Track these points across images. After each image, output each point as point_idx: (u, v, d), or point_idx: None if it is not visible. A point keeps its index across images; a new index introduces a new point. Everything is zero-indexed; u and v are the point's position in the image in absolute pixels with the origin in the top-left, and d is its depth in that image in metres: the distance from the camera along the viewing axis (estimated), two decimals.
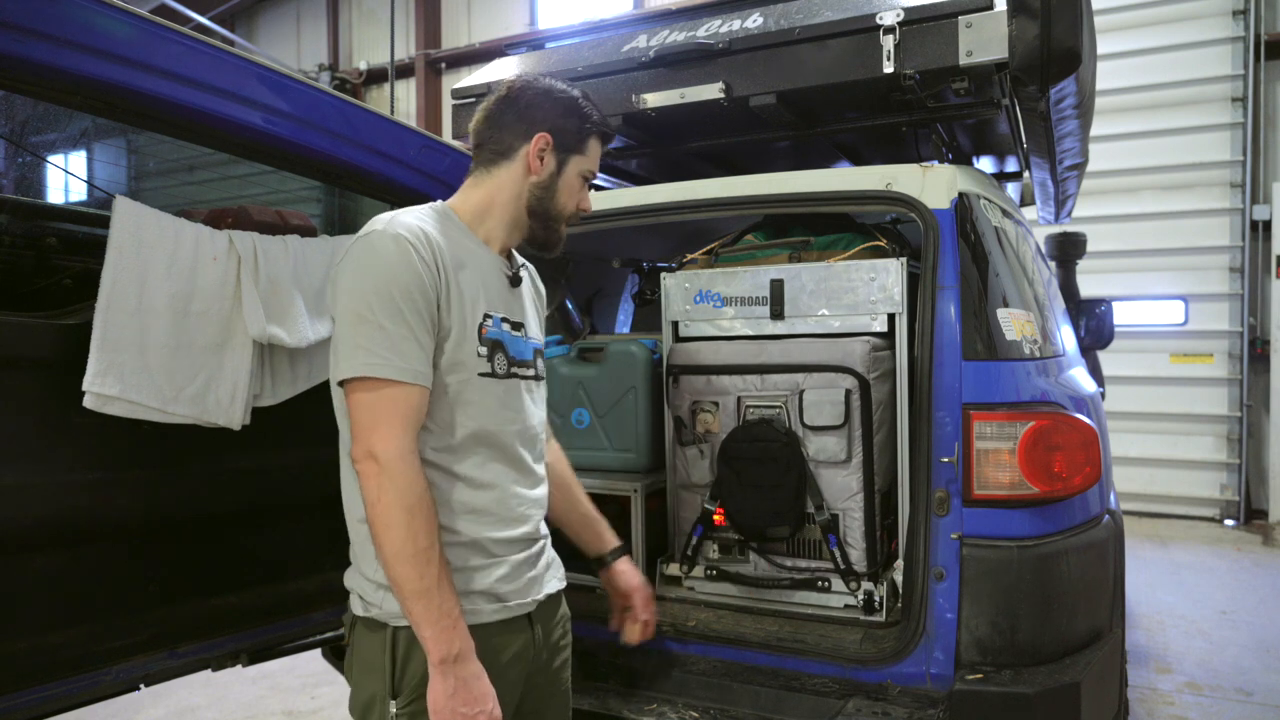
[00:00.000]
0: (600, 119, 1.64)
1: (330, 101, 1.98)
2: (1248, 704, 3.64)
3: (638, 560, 2.45)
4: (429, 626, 1.33)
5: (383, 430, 1.34)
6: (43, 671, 1.65)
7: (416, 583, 1.32)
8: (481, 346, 1.49)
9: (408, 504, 1.33)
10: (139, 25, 1.60)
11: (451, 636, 1.34)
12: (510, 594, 1.51)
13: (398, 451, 1.34)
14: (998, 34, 2.03)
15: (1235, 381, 7.26)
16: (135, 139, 2.37)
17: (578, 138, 1.60)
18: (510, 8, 10.88)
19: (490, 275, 1.56)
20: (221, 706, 3.76)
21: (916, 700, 1.87)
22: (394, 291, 1.37)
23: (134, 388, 1.65)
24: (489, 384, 1.50)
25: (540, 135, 1.57)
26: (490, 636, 1.47)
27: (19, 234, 1.89)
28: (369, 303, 1.36)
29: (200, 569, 1.95)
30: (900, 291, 2.17)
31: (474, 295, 1.49)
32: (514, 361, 1.57)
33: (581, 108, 1.61)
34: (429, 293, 1.40)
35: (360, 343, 1.35)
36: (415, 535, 1.32)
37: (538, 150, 1.57)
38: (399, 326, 1.36)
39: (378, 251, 1.39)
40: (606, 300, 4.06)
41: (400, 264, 1.38)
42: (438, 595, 1.33)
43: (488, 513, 1.49)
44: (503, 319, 1.55)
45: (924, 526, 1.92)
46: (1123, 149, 7.45)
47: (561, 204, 1.61)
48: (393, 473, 1.33)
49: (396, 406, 1.35)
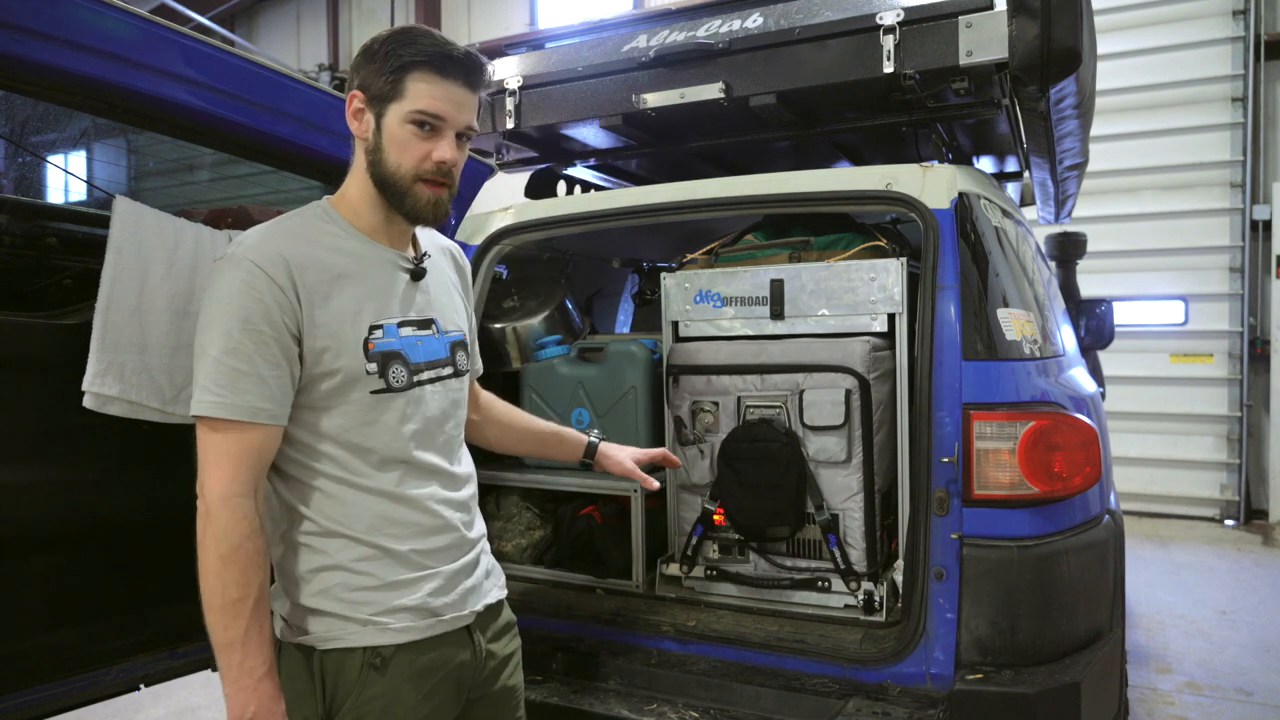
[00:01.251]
0: (420, 49, 1.36)
1: (330, 101, 1.98)
2: (1248, 704, 3.64)
3: (637, 560, 2.45)
4: (229, 683, 1.27)
5: (211, 469, 1.28)
6: (43, 671, 1.65)
7: (221, 634, 1.26)
8: (370, 363, 1.37)
9: (221, 552, 1.25)
10: (139, 25, 1.60)
11: (248, 698, 1.27)
12: (444, 607, 1.44)
13: (220, 496, 1.27)
14: (998, 34, 2.03)
15: (1235, 381, 7.25)
16: (135, 139, 2.37)
17: (387, 81, 1.36)
18: (510, 8, 10.89)
19: (382, 277, 1.43)
20: (221, 707, 3.74)
21: (916, 700, 1.87)
22: (234, 325, 1.28)
23: (134, 388, 1.65)
24: (388, 399, 1.40)
25: (352, 95, 1.39)
26: (423, 653, 1.41)
27: (19, 234, 1.89)
28: (210, 337, 1.29)
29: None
30: (900, 291, 2.17)
31: (355, 309, 1.37)
32: (418, 368, 1.44)
33: (389, 48, 1.36)
34: (278, 323, 1.30)
35: (200, 380, 1.29)
36: (225, 586, 1.25)
37: (353, 112, 1.40)
38: (239, 362, 1.27)
39: (225, 281, 1.30)
40: (606, 300, 4.06)
41: (245, 295, 1.28)
42: (240, 651, 1.26)
43: (410, 524, 1.42)
44: (400, 324, 1.43)
45: (924, 526, 1.92)
46: (1123, 149, 7.45)
47: (394, 162, 1.39)
48: (212, 516, 1.26)
49: (229, 446, 1.28)
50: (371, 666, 1.36)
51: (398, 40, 1.37)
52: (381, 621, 1.38)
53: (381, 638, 1.37)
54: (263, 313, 1.29)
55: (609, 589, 2.47)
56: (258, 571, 1.29)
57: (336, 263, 1.38)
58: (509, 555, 2.64)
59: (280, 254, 1.32)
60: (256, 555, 1.28)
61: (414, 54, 1.36)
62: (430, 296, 1.51)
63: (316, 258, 1.36)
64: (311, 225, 1.41)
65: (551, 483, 2.62)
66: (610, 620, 2.27)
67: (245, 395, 1.28)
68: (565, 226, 2.57)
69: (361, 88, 1.39)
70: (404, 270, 1.47)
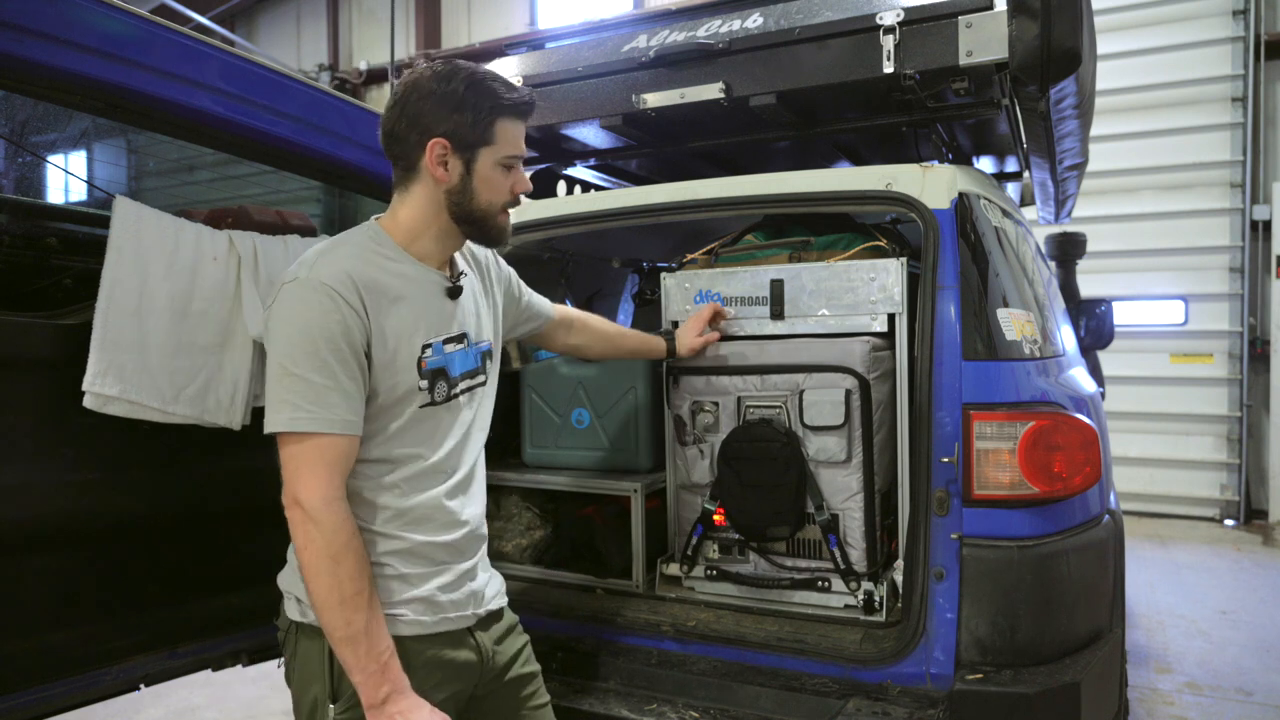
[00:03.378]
0: (501, 97, 1.48)
1: (330, 101, 1.98)
2: (1248, 704, 3.64)
3: (637, 560, 2.45)
4: (358, 673, 1.34)
5: (306, 478, 1.35)
6: (43, 671, 1.65)
7: (344, 629, 1.33)
8: (422, 380, 1.48)
9: (332, 552, 1.33)
10: (139, 25, 1.60)
11: (380, 681, 1.35)
12: (449, 605, 1.52)
13: (322, 499, 1.34)
14: (998, 34, 2.03)
15: (1235, 381, 7.25)
16: (135, 139, 2.37)
17: (478, 129, 1.47)
18: (510, 8, 10.88)
19: (429, 298, 1.53)
20: (221, 706, 3.76)
21: (916, 700, 1.87)
22: (319, 345, 1.36)
23: (134, 388, 1.65)
24: (431, 411, 1.51)
25: (434, 142, 1.46)
26: (429, 647, 1.49)
27: (19, 234, 1.89)
28: (294, 356, 1.36)
29: (200, 569, 1.95)
30: (900, 291, 2.17)
31: (411, 329, 1.47)
32: (455, 381, 1.56)
33: (473, 97, 1.45)
34: (355, 340, 1.39)
35: (285, 397, 1.36)
36: (340, 583, 1.33)
37: (436, 159, 1.47)
38: (324, 378, 1.36)
39: (301, 304, 1.38)
40: (606, 300, 4.06)
41: (325, 315, 1.37)
42: (365, 641, 1.34)
43: (426, 519, 1.51)
44: (444, 341, 1.53)
45: (924, 526, 1.92)
46: (1123, 149, 7.45)
47: (485, 202, 1.51)
48: (318, 520, 1.33)
49: (322, 455, 1.36)
50: None
51: (476, 89, 1.46)
52: (392, 613, 1.45)
53: (390, 628, 1.42)
54: (342, 332, 1.38)
55: (609, 589, 2.47)
56: (367, 566, 1.38)
57: (393, 285, 1.47)
58: (509, 555, 2.64)
59: (349, 274, 1.41)
60: (363, 551, 1.38)
61: (498, 103, 1.47)
62: (464, 311, 1.61)
63: (377, 280, 1.45)
64: (367, 248, 1.49)
65: (551, 483, 2.62)
66: (610, 620, 2.27)
67: (334, 409, 1.36)
68: (565, 226, 2.57)
69: (447, 136, 1.46)
70: (445, 290, 1.57)
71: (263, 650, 2.08)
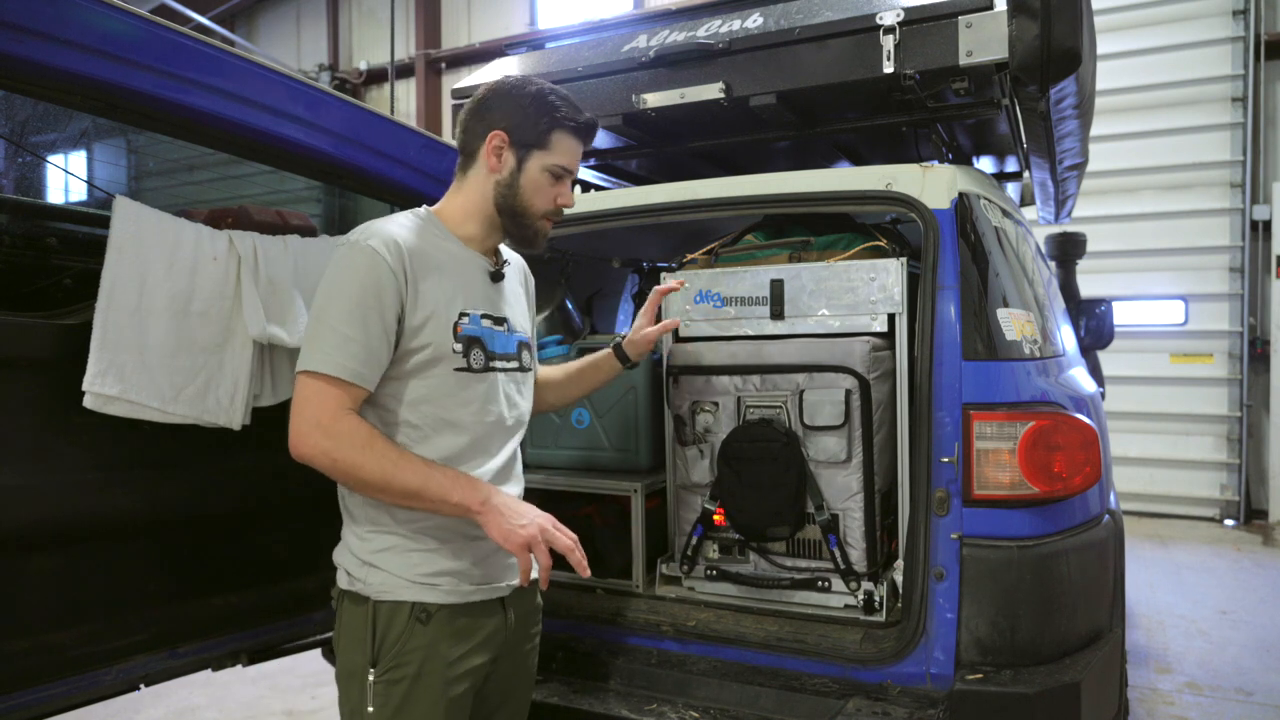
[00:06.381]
0: (568, 113, 1.62)
1: (330, 101, 1.98)
2: (1248, 704, 3.64)
3: (637, 560, 2.45)
4: (454, 493, 1.45)
5: (314, 405, 1.44)
6: (43, 671, 1.65)
7: (415, 482, 1.43)
8: (457, 343, 1.56)
9: (358, 444, 1.42)
10: (139, 25, 1.60)
11: (473, 486, 1.48)
12: (485, 577, 1.60)
13: (331, 413, 1.43)
14: (998, 34, 2.03)
15: (1235, 381, 7.26)
16: (135, 139, 2.37)
17: (538, 133, 1.60)
18: (510, 8, 10.88)
19: (471, 275, 1.63)
20: (221, 706, 3.76)
21: (916, 700, 1.87)
22: (354, 299, 1.46)
23: (134, 388, 1.65)
24: (466, 378, 1.58)
25: (494, 133, 1.60)
26: (462, 615, 1.57)
27: (19, 234, 1.89)
28: (332, 307, 1.47)
29: (200, 569, 1.95)
30: (900, 291, 2.17)
31: (450, 296, 1.57)
32: (493, 356, 1.63)
33: (544, 103, 1.60)
34: (389, 301, 1.48)
35: (314, 341, 1.47)
36: (382, 457, 1.42)
37: (493, 148, 1.60)
38: (352, 330, 1.45)
39: (350, 262, 1.49)
40: (606, 300, 4.06)
41: (366, 274, 1.47)
42: (438, 474, 1.46)
43: None
44: (482, 315, 1.62)
45: (924, 526, 1.92)
46: (1123, 149, 7.45)
47: (527, 200, 1.62)
48: (335, 431, 1.42)
49: (332, 392, 1.45)
50: (418, 620, 1.52)
51: (543, 100, 1.60)
52: (430, 582, 1.54)
53: (429, 595, 1.53)
54: (377, 291, 1.47)
55: (609, 589, 2.47)
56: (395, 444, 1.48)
57: (436, 257, 1.58)
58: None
59: (396, 240, 1.52)
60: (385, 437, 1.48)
61: (562, 117, 1.60)
62: (505, 298, 1.71)
63: (422, 250, 1.56)
64: (418, 225, 1.60)
65: (551, 483, 2.62)
66: (610, 620, 2.27)
67: (351, 359, 1.45)
68: (565, 226, 2.57)
69: (507, 130, 1.59)
70: (488, 273, 1.67)
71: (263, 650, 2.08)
